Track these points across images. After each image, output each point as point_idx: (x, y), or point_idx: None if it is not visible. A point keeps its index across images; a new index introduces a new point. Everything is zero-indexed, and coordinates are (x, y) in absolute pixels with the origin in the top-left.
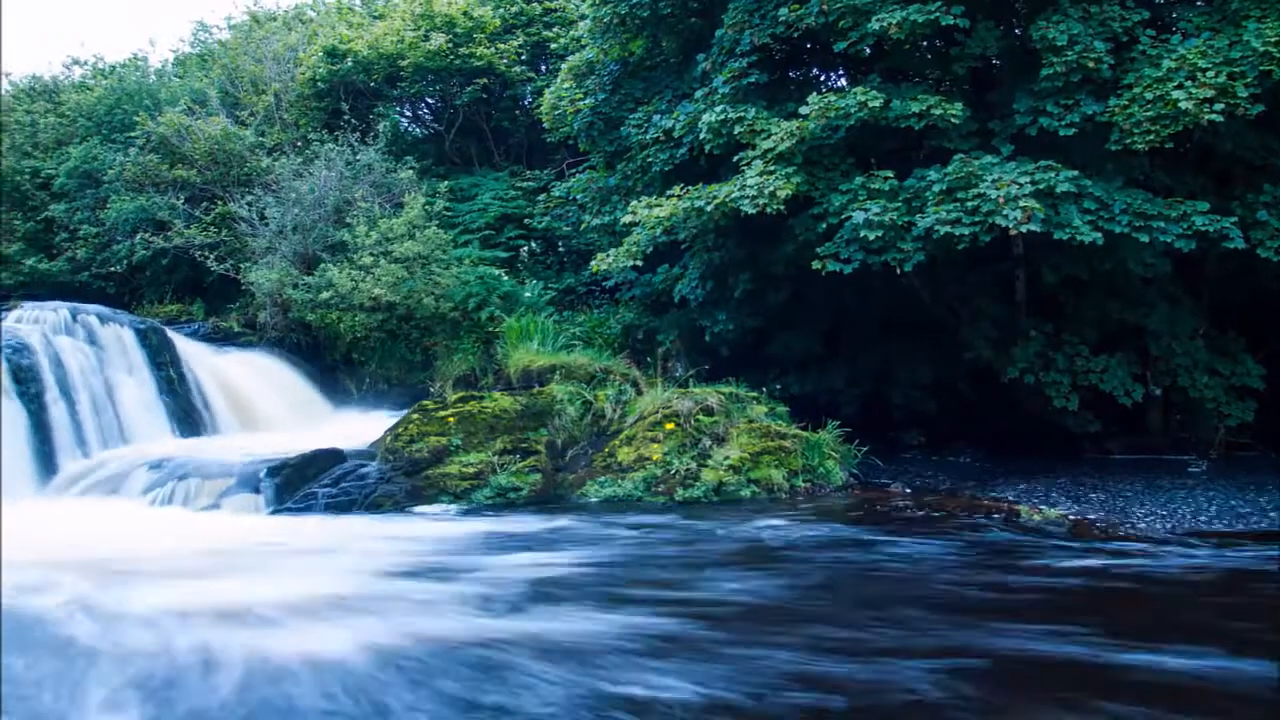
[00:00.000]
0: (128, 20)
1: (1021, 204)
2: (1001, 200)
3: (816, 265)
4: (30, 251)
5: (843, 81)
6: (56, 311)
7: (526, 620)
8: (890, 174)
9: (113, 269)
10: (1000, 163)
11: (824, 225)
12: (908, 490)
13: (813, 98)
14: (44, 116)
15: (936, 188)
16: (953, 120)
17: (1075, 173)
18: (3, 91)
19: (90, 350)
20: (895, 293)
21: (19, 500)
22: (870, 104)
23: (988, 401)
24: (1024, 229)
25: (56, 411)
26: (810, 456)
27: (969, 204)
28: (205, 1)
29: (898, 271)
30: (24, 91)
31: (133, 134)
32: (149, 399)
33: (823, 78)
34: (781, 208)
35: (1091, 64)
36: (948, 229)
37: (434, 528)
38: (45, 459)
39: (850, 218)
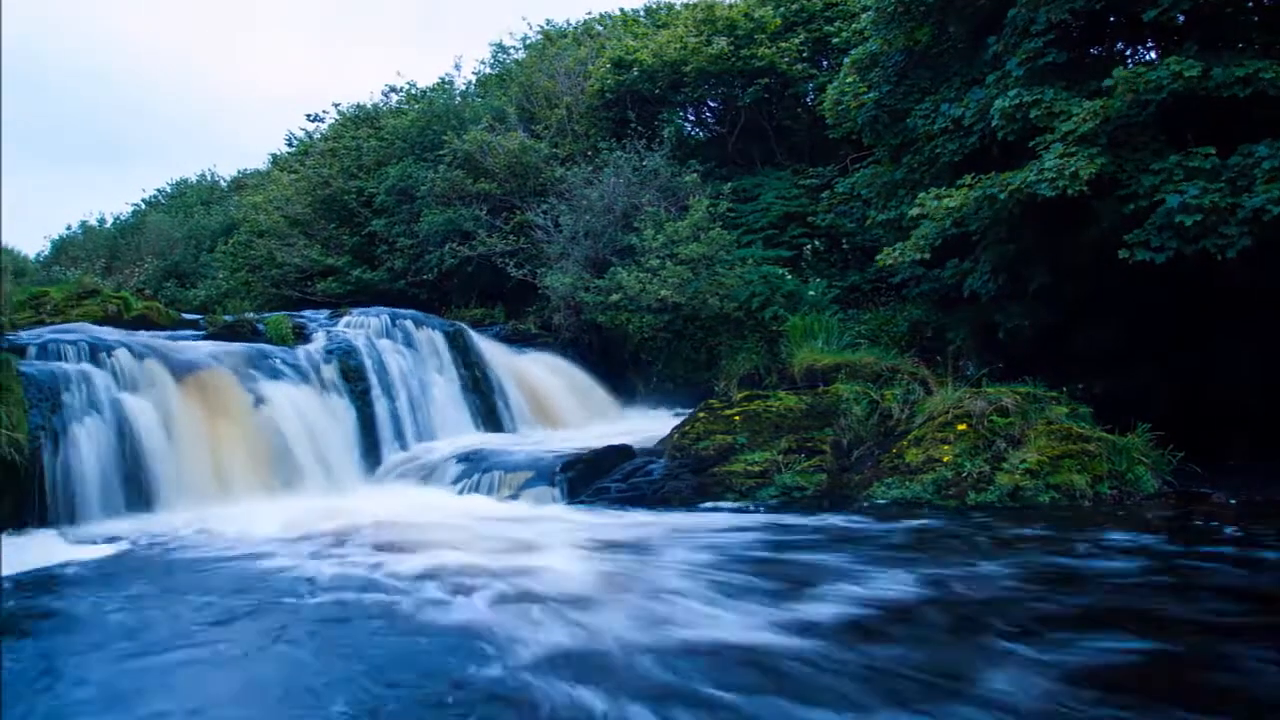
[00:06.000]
0: (437, 47)
1: None
2: None
3: (1124, 254)
4: (356, 263)
5: (1151, 55)
6: (378, 317)
7: None
8: (1211, 150)
9: (425, 277)
10: None
11: (1131, 208)
12: (1232, 501)
13: (1118, 71)
14: (367, 140)
15: (1267, 164)
16: None
17: None
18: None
19: (407, 352)
20: (1214, 281)
21: (350, 487)
22: (1186, 74)
23: None
24: None
25: (380, 408)
26: (1117, 461)
27: None
28: (503, 24)
29: (1218, 259)
30: (350, 119)
31: (441, 152)
32: (455, 396)
33: (1128, 53)
34: (1084, 189)
35: None
36: None
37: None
38: (371, 450)
39: (1163, 201)
